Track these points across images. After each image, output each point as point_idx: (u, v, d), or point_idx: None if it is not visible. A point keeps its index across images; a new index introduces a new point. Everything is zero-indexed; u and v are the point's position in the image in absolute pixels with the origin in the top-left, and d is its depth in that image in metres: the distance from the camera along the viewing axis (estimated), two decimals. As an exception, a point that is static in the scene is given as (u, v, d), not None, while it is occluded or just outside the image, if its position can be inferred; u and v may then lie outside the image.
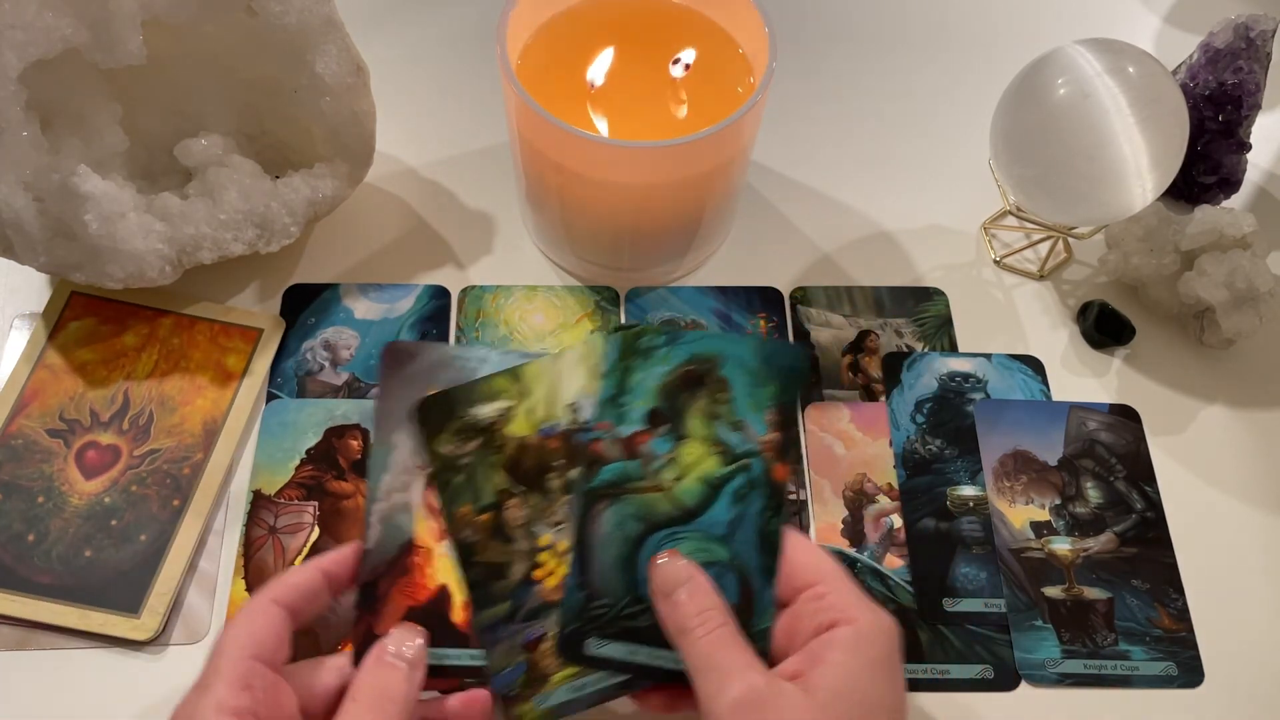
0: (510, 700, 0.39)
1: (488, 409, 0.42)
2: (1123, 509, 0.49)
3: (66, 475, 0.47)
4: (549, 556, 0.40)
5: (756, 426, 0.41)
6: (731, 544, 0.39)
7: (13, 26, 0.42)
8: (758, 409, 0.41)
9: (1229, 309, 0.51)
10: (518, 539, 0.40)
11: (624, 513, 0.40)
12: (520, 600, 0.39)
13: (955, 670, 0.45)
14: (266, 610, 0.37)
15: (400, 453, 0.42)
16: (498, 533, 0.40)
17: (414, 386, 0.43)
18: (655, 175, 0.46)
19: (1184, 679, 0.45)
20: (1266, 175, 0.61)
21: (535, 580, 0.40)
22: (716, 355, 0.42)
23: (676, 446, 0.41)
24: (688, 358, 0.42)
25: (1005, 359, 0.53)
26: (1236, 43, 0.50)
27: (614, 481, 0.40)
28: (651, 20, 0.51)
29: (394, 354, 0.44)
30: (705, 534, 0.39)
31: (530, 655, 0.39)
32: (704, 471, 0.40)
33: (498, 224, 0.56)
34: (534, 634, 0.39)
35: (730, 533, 0.39)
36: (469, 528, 0.41)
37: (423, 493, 0.41)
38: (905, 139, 0.61)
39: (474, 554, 0.40)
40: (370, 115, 0.50)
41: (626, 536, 0.39)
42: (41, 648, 0.44)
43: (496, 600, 0.40)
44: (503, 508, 0.41)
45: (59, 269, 0.46)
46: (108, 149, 0.47)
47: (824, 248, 0.57)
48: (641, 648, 0.38)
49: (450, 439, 0.42)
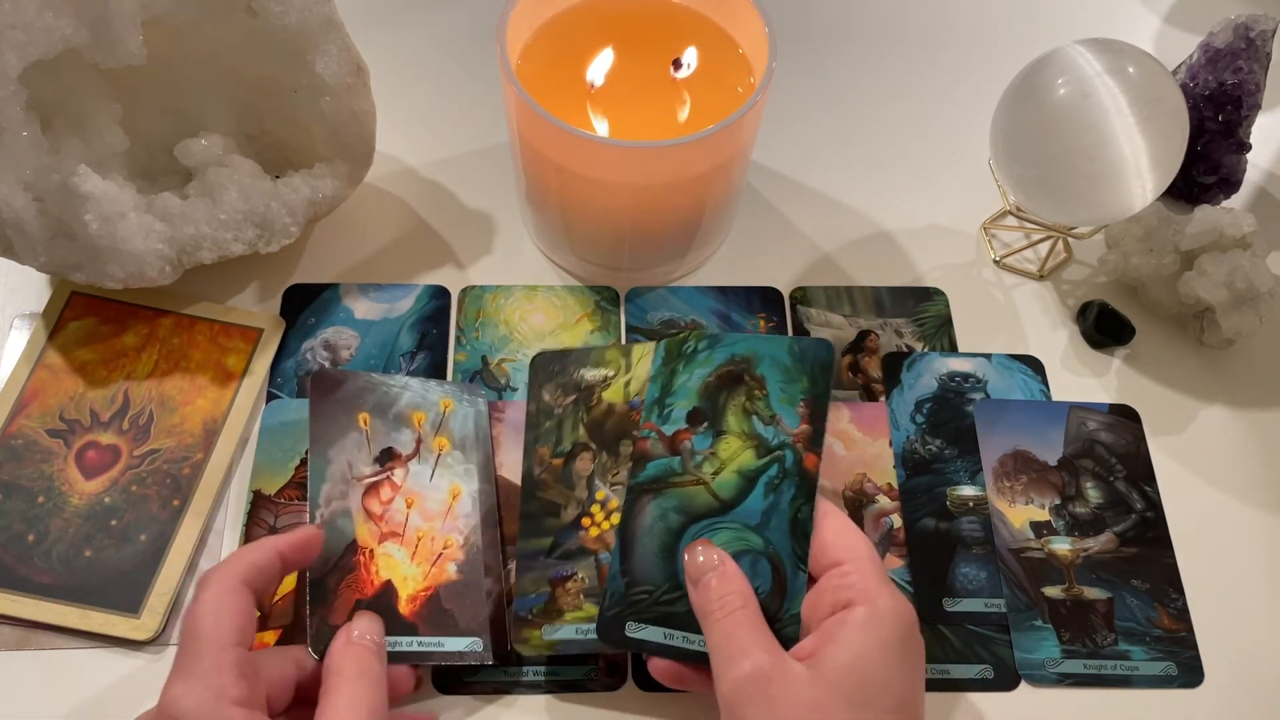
0: (523, 622, 0.43)
1: (593, 373, 0.47)
2: (1123, 509, 0.49)
3: (66, 475, 0.47)
4: (599, 510, 0.44)
5: (789, 419, 0.43)
6: (765, 532, 0.41)
7: (13, 26, 0.42)
8: (790, 403, 0.44)
9: (1229, 309, 0.51)
10: (578, 487, 0.45)
11: (665, 506, 0.42)
12: (562, 540, 0.44)
13: (955, 670, 0.45)
14: (240, 593, 0.37)
15: (336, 465, 0.46)
16: (564, 477, 0.45)
17: (342, 408, 0.47)
18: (655, 175, 0.46)
19: (1184, 679, 0.45)
20: (1266, 175, 0.61)
21: (583, 526, 0.44)
22: (752, 354, 0.45)
23: (715, 442, 0.43)
24: (727, 358, 0.45)
25: (1005, 359, 0.53)
26: (1236, 43, 0.49)
27: (657, 476, 0.43)
28: (651, 20, 0.51)
29: (321, 381, 0.48)
30: (741, 524, 0.41)
31: (553, 589, 0.43)
32: (740, 464, 0.43)
33: (498, 224, 0.56)
34: (563, 572, 0.43)
35: (764, 521, 0.41)
36: (541, 466, 0.46)
37: (360, 499, 0.45)
38: (905, 139, 0.61)
39: (538, 489, 0.45)
40: (370, 115, 0.50)
41: (668, 528, 0.42)
42: (41, 648, 0.44)
43: (543, 534, 0.44)
44: (575, 457, 0.45)
45: (59, 269, 0.46)
46: (108, 149, 0.47)
47: (824, 248, 0.57)
48: (677, 632, 0.41)
49: (553, 389, 0.47)
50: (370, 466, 0.46)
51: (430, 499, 0.46)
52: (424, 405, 0.48)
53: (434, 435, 0.48)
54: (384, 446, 0.47)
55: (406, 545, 0.45)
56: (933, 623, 0.46)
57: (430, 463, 0.47)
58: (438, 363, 0.51)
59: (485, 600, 0.44)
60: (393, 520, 0.45)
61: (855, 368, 0.53)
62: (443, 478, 0.47)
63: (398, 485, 0.46)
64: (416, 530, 0.45)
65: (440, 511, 0.46)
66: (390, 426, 0.47)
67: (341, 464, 0.46)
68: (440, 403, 0.49)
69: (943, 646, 0.45)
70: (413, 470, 0.47)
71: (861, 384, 0.52)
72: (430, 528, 0.45)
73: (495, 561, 0.45)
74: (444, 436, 0.48)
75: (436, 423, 0.48)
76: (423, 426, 0.48)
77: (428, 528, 0.45)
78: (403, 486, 0.46)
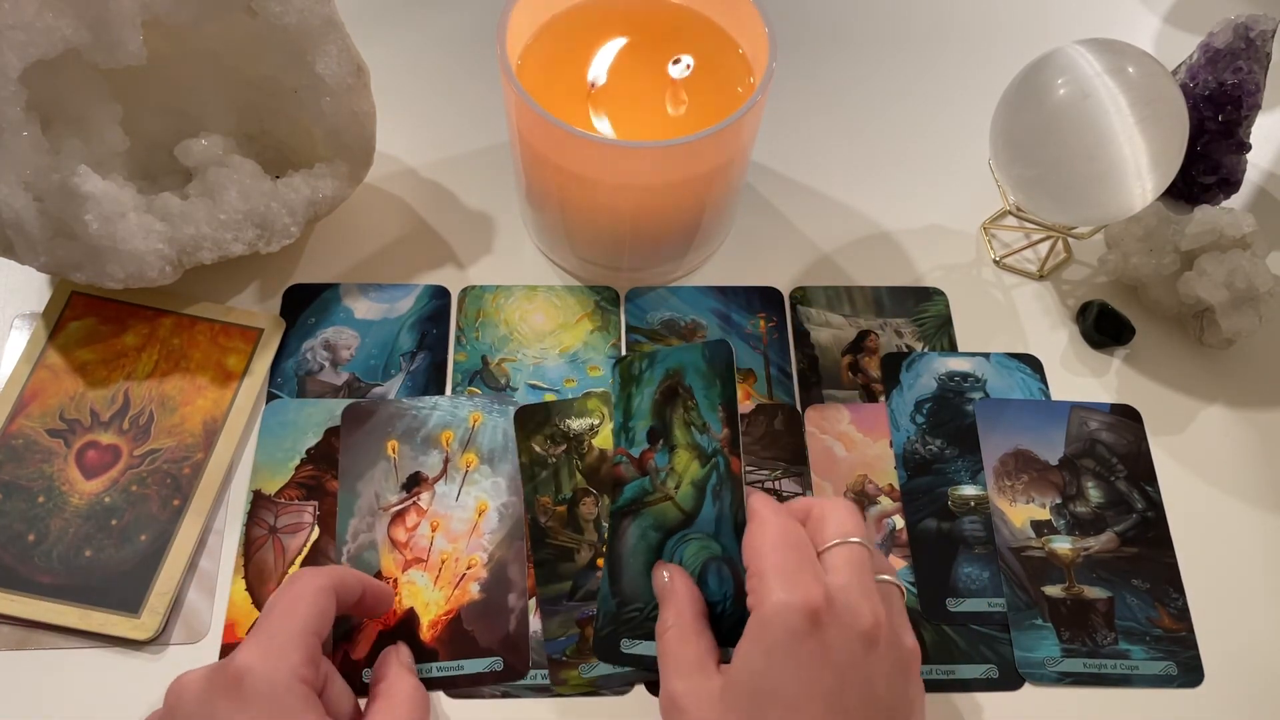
0: (559, 664, 0.44)
1: (578, 423, 0.49)
2: (1123, 508, 0.49)
3: (67, 475, 0.47)
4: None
5: (715, 426, 0.44)
6: (720, 539, 0.41)
7: (13, 27, 0.42)
8: (713, 409, 0.44)
9: (1229, 309, 0.51)
10: (586, 531, 0.46)
11: (644, 524, 0.43)
12: (581, 582, 0.45)
13: (961, 670, 0.45)
14: (327, 594, 0.39)
15: (364, 499, 0.47)
16: (570, 522, 0.47)
17: (372, 439, 0.48)
18: (655, 175, 0.46)
19: (1184, 679, 0.45)
20: (1266, 175, 0.61)
21: (599, 567, 0.45)
22: (680, 366, 0.46)
23: (671, 457, 0.44)
24: (664, 374, 0.46)
25: (1003, 358, 0.53)
26: (1236, 43, 0.49)
27: (634, 498, 0.44)
28: (651, 20, 0.51)
29: (353, 414, 0.49)
30: (704, 533, 0.42)
31: (583, 630, 0.44)
32: (692, 475, 0.43)
33: (498, 224, 0.56)
34: (588, 612, 0.44)
35: (718, 529, 0.41)
36: (546, 515, 0.47)
37: (385, 528, 0.46)
38: (905, 139, 0.61)
39: (547, 536, 0.46)
40: (370, 116, 0.50)
41: (649, 545, 0.43)
42: (41, 647, 0.44)
43: (561, 578, 0.45)
44: (578, 503, 0.47)
45: (59, 269, 0.46)
46: (108, 149, 0.47)
47: (824, 248, 0.57)
48: None
49: (542, 441, 0.48)
50: (396, 494, 0.47)
51: (456, 519, 0.47)
52: (453, 423, 0.49)
53: (462, 453, 0.48)
54: (411, 472, 0.48)
55: (430, 570, 0.45)
56: (937, 623, 0.46)
57: (457, 481, 0.48)
58: (438, 363, 0.51)
59: (508, 616, 0.44)
60: (417, 546, 0.46)
61: (855, 368, 0.53)
62: (469, 495, 0.47)
63: (424, 510, 0.47)
64: (441, 554, 0.46)
65: (465, 531, 0.46)
66: (418, 450, 0.48)
67: (369, 496, 0.47)
68: (470, 418, 0.49)
69: (948, 647, 0.45)
70: (439, 492, 0.47)
71: (861, 384, 0.52)
72: (455, 549, 0.46)
73: (520, 576, 0.45)
74: (472, 452, 0.48)
75: (465, 439, 0.48)
76: (450, 445, 0.48)
77: (452, 549, 0.46)
78: (429, 510, 0.47)
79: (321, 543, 0.46)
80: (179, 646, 0.44)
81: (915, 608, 0.46)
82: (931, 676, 0.44)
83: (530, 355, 0.52)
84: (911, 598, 0.46)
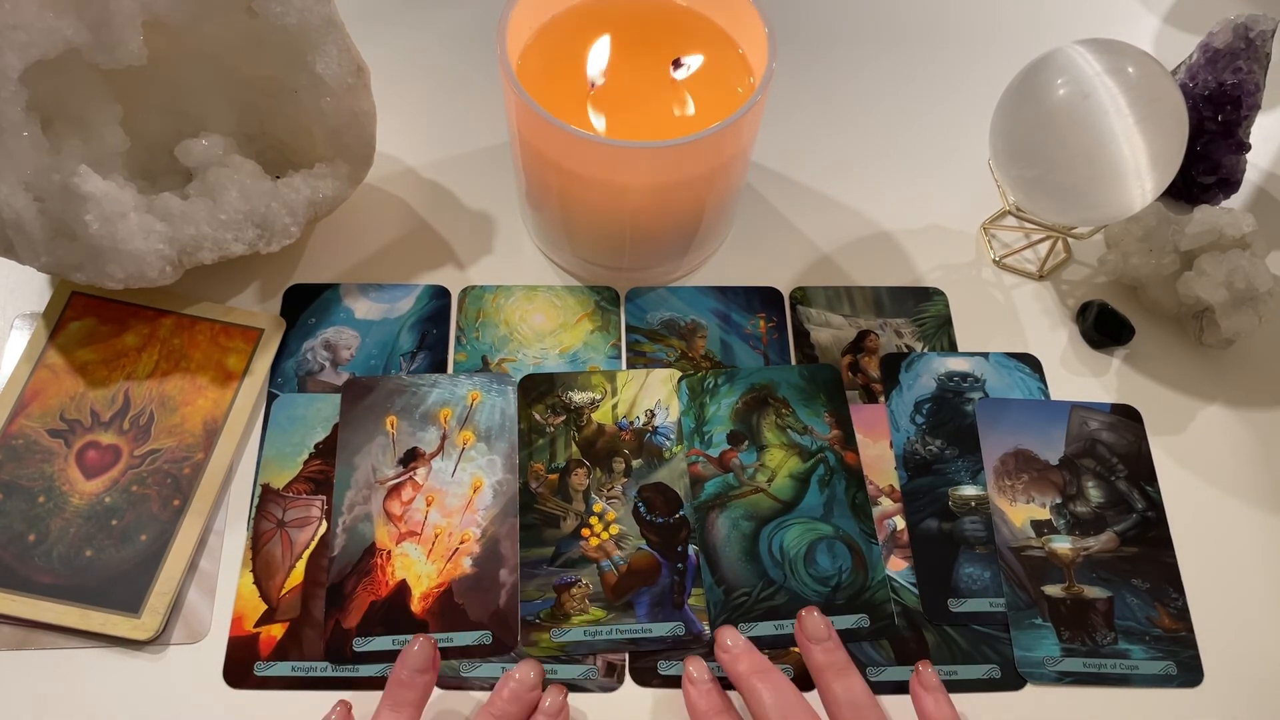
0: (531, 626, 0.45)
1: (580, 395, 0.50)
2: (1123, 508, 0.49)
3: (67, 475, 0.47)
4: (598, 522, 0.47)
5: (820, 428, 0.50)
6: (832, 520, 0.47)
7: (13, 27, 0.42)
8: (816, 415, 0.50)
9: (1228, 309, 0.51)
10: (575, 500, 0.48)
11: (734, 516, 0.48)
12: (564, 549, 0.47)
13: (964, 671, 0.45)
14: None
15: (361, 471, 0.48)
16: (560, 491, 0.48)
17: (371, 414, 0.49)
18: (655, 175, 0.46)
19: (1184, 678, 0.45)
20: (1266, 175, 0.61)
21: (583, 536, 0.47)
22: (770, 382, 0.51)
23: (761, 455, 0.49)
24: (748, 387, 0.51)
25: (1002, 358, 0.53)
26: (1236, 43, 0.50)
27: (718, 493, 0.48)
28: (652, 20, 0.51)
29: (354, 389, 0.50)
30: (808, 518, 0.47)
31: (559, 595, 0.45)
32: (790, 469, 0.49)
33: (498, 224, 0.56)
34: (567, 579, 0.46)
35: (828, 511, 0.48)
36: (537, 481, 0.48)
37: (381, 502, 0.47)
38: (905, 139, 0.61)
39: (535, 501, 0.48)
40: (370, 116, 0.50)
41: (743, 534, 0.47)
42: (42, 647, 0.44)
43: (544, 543, 0.47)
44: (570, 473, 0.48)
45: (59, 269, 0.46)
46: (108, 149, 0.47)
47: (824, 248, 0.57)
48: (786, 622, 0.45)
49: (542, 410, 0.50)
50: (394, 468, 0.48)
51: (451, 494, 0.47)
52: (452, 401, 0.49)
53: (459, 430, 0.49)
54: (409, 447, 0.48)
55: (424, 543, 0.46)
56: (940, 624, 0.46)
57: (454, 458, 0.48)
58: (438, 363, 0.51)
59: (498, 591, 0.45)
60: (412, 519, 0.46)
61: (855, 368, 0.53)
62: (465, 471, 0.48)
63: (419, 484, 0.47)
64: (435, 527, 0.46)
65: (460, 506, 0.47)
66: (416, 426, 0.49)
67: (366, 469, 0.48)
68: (468, 396, 0.50)
69: (950, 647, 0.45)
70: (435, 467, 0.48)
71: (861, 384, 0.52)
72: (449, 523, 0.47)
73: (512, 552, 0.46)
74: (469, 430, 0.49)
75: (463, 417, 0.49)
76: (448, 422, 0.49)
77: (446, 524, 0.46)
78: (424, 485, 0.47)
79: (329, 536, 0.46)
80: (179, 646, 0.44)
81: (917, 609, 0.46)
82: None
83: (530, 355, 0.52)
84: (913, 599, 0.46)
